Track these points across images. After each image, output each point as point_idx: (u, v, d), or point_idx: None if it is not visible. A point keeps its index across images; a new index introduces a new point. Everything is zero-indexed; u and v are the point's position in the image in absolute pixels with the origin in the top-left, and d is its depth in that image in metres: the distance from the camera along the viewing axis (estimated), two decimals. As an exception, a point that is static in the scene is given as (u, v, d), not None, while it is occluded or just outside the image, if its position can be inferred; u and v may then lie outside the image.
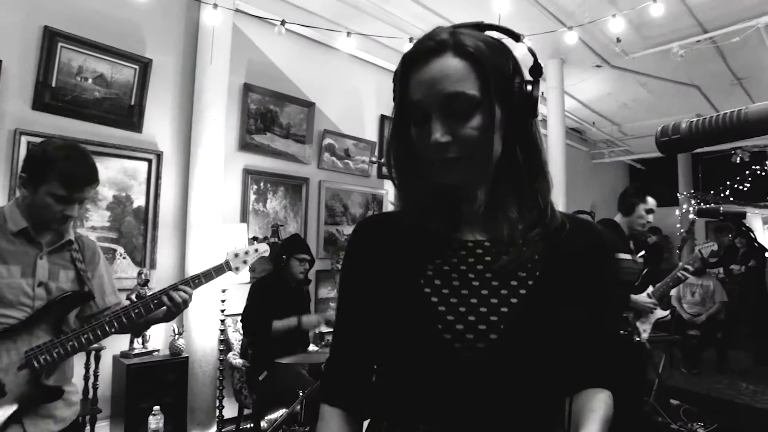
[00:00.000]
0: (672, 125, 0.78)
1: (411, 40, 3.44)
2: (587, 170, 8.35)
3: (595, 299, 0.72)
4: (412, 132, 0.68)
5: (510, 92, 0.66)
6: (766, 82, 5.38)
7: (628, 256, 2.56)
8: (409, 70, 0.67)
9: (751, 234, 2.35)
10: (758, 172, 6.60)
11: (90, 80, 2.92)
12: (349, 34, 3.34)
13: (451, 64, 0.64)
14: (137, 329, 1.60)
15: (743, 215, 2.34)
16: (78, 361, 2.62)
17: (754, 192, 6.92)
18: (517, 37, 0.70)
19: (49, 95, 2.78)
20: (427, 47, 0.65)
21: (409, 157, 0.70)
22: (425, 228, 0.71)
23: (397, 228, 0.73)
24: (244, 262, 1.78)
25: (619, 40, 4.48)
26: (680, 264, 2.72)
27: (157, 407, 2.11)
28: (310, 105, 4.00)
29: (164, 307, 1.47)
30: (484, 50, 0.65)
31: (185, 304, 1.49)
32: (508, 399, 0.64)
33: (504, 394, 0.64)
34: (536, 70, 0.68)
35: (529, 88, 0.67)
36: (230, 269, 1.72)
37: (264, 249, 1.86)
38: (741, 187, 6.84)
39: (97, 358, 2.60)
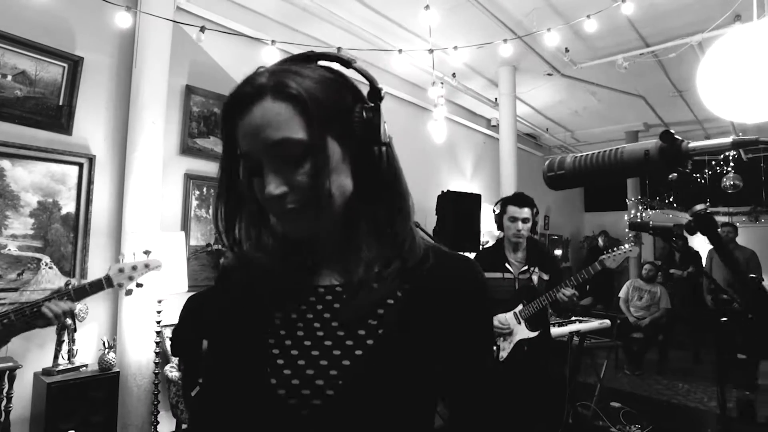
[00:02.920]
0: (558, 160, 0.76)
1: (339, 49, 3.39)
2: (539, 175, 8.55)
3: (474, 341, 0.67)
4: (254, 183, 0.62)
5: (348, 124, 0.61)
6: (704, 94, 5.64)
7: (496, 274, 2.57)
8: (233, 119, 0.61)
9: (675, 245, 2.43)
10: (698, 180, 6.93)
11: (9, 77, 2.72)
12: (273, 42, 3.24)
13: (271, 108, 0.58)
14: None
15: (671, 230, 2.42)
16: (-9, 381, 2.45)
17: (695, 198, 7.26)
18: (347, 64, 0.65)
19: (-40, 93, 2.57)
20: (245, 93, 0.59)
21: (239, 213, 0.65)
22: (280, 274, 0.66)
23: (256, 275, 0.68)
24: (130, 278, 1.59)
25: (567, 50, 4.60)
26: (563, 290, 2.43)
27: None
28: (257, 108, 3.89)
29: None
30: (309, 87, 0.59)
31: (57, 319, 1.39)
32: None
33: None
34: (374, 94, 0.64)
35: (370, 115, 0.62)
36: (111, 286, 1.54)
37: (156, 264, 1.68)
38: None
39: (12, 378, 2.41)
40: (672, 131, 0.62)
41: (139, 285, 1.64)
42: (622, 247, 2.54)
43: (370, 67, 4.65)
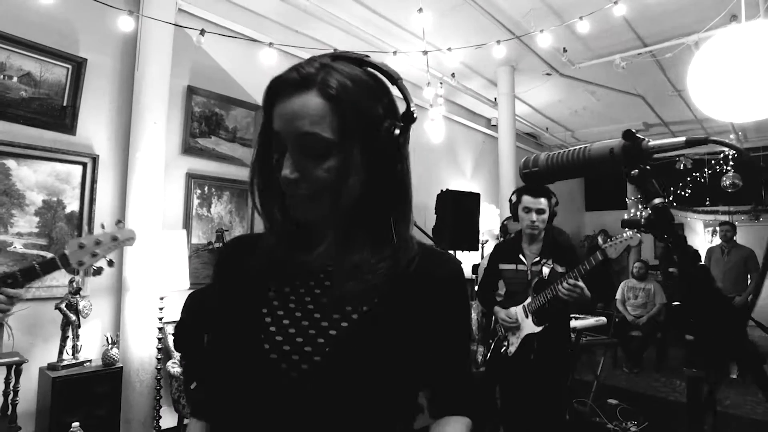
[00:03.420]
0: (533, 158, 0.81)
1: (335, 50, 3.46)
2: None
3: (449, 328, 0.73)
4: (277, 160, 0.67)
5: (375, 135, 0.65)
6: (703, 93, 5.66)
7: (510, 266, 2.53)
8: (275, 98, 0.66)
9: (669, 242, 2.46)
10: (698, 179, 6.94)
11: (15, 79, 2.77)
12: (271, 44, 3.29)
13: (311, 102, 0.62)
14: None
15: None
16: (-3, 375, 2.51)
17: (695, 198, 7.28)
18: (393, 80, 0.69)
19: (-34, 94, 2.62)
20: (292, 79, 0.64)
21: (271, 183, 0.69)
22: (278, 252, 0.72)
23: (256, 250, 0.74)
24: (93, 254, 1.28)
25: (565, 50, 4.63)
26: (563, 282, 2.28)
27: (76, 424, 2.02)
28: (257, 108, 3.94)
29: None
30: (351, 91, 0.63)
31: (4, 314, 1.21)
32: (330, 421, 0.64)
33: (326, 415, 0.64)
34: (407, 116, 0.68)
35: (397, 132, 0.66)
36: (67, 265, 1.26)
37: (127, 236, 1.35)
38: (683, 193, 7.17)
39: (18, 372, 2.47)
40: (633, 130, 0.67)
41: (109, 263, 1.31)
42: (623, 235, 2.36)
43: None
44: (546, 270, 2.45)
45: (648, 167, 0.66)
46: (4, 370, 2.49)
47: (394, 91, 0.70)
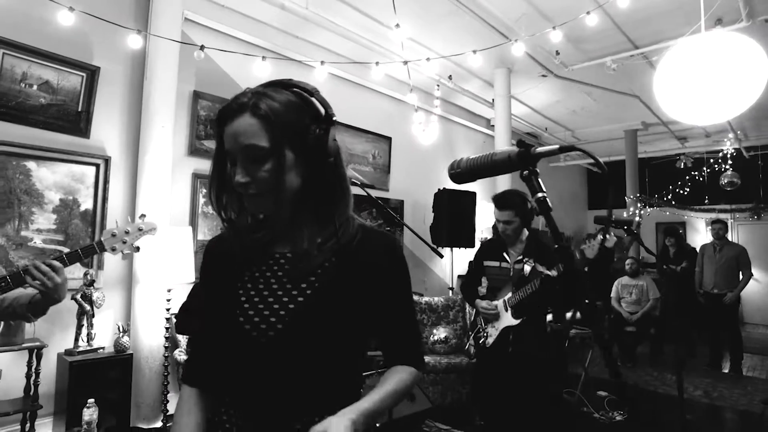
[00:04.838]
0: (458, 160, 0.99)
1: (322, 63, 3.66)
2: (545, 174, 8.63)
3: (390, 293, 0.91)
4: (232, 172, 0.85)
5: (304, 139, 0.84)
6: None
7: (494, 263, 2.69)
8: (222, 124, 0.85)
9: (641, 242, 2.61)
10: (697, 178, 7.00)
11: (35, 87, 3.00)
12: (264, 58, 3.48)
13: (246, 122, 0.81)
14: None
15: (631, 222, 2.60)
16: (20, 359, 2.75)
17: (693, 196, 7.34)
18: (311, 93, 0.87)
19: (-9, 101, 2.84)
20: (231, 108, 0.83)
21: (228, 190, 0.88)
22: (248, 243, 0.90)
23: (232, 244, 0.93)
24: (123, 242, 1.56)
25: (558, 53, 4.77)
26: (541, 272, 2.42)
27: (91, 400, 2.22)
28: (260, 111, 4.14)
29: (25, 292, 1.45)
30: (277, 109, 0.82)
31: (51, 282, 1.41)
32: (294, 377, 0.83)
33: (290, 373, 0.83)
34: (326, 119, 0.86)
35: (321, 133, 0.84)
36: (104, 250, 1.55)
37: (150, 227, 1.63)
38: (682, 192, 7.24)
39: (39, 356, 2.70)
40: (524, 140, 0.84)
41: (136, 249, 1.61)
42: (599, 237, 2.45)
43: (370, 72, 4.88)
44: (527, 268, 2.59)
45: (536, 168, 0.82)
46: (27, 354, 2.73)
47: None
